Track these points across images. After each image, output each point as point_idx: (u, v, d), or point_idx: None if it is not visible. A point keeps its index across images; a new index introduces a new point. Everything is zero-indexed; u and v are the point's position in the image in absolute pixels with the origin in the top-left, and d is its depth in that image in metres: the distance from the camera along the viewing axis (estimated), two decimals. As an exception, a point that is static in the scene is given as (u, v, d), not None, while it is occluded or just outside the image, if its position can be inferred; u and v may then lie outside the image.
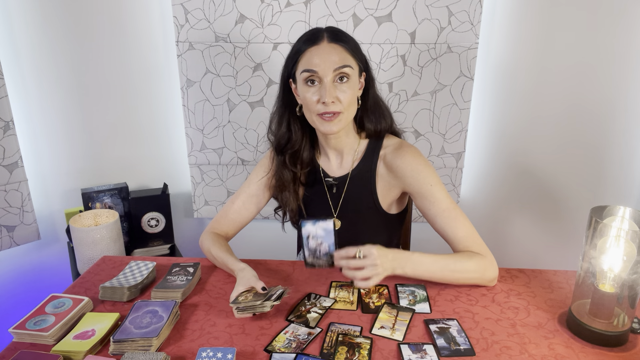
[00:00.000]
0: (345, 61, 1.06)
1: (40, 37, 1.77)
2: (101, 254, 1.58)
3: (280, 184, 1.24)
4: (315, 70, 1.05)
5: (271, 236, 2.04)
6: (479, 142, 1.90)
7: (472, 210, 1.97)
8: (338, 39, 1.08)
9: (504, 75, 1.80)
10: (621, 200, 1.90)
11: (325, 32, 1.09)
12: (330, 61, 1.05)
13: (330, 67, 1.05)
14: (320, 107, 1.07)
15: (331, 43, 1.07)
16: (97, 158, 1.95)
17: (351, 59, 1.08)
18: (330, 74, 1.05)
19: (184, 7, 1.71)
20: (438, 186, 1.13)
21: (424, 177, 1.13)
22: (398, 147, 1.18)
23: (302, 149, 1.22)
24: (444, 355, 0.88)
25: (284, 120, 1.19)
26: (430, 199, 1.12)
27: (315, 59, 1.06)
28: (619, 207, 0.93)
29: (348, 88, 1.07)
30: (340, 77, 1.07)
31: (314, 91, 1.07)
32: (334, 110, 1.07)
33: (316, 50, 1.06)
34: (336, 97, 1.06)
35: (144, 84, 1.86)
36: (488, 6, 1.71)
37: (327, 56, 1.05)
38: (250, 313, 0.98)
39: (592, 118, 1.81)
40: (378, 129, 1.19)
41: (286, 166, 1.22)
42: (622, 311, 0.91)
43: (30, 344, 0.93)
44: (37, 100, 1.84)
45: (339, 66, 1.05)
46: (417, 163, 1.14)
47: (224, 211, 1.29)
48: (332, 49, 1.06)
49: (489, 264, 1.09)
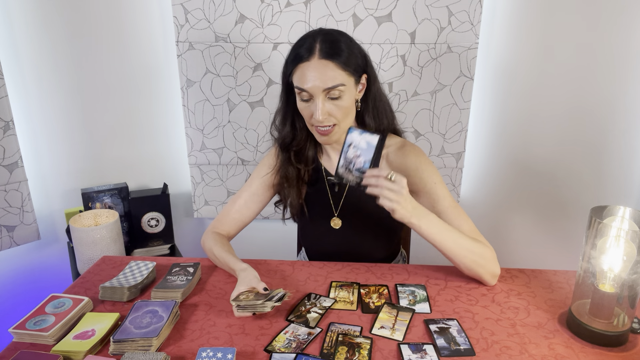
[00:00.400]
0: (336, 80, 1.04)
1: (40, 37, 1.77)
2: (101, 254, 1.58)
3: (284, 180, 1.24)
4: (305, 89, 1.05)
5: (271, 236, 2.04)
6: (479, 142, 1.90)
7: (472, 210, 1.97)
8: (330, 53, 1.04)
9: (504, 75, 1.80)
10: (621, 200, 1.90)
11: (317, 45, 1.05)
12: (321, 80, 1.03)
13: (320, 87, 1.04)
14: (315, 121, 1.08)
15: (322, 59, 1.04)
16: (97, 158, 1.95)
17: (343, 74, 1.05)
18: (320, 93, 1.05)
19: (184, 7, 1.71)
20: (441, 184, 1.13)
21: (428, 176, 1.13)
22: (401, 146, 1.18)
23: (306, 147, 1.23)
24: (444, 355, 0.88)
25: (288, 119, 1.19)
26: (434, 196, 1.12)
27: (307, 77, 1.04)
28: (619, 207, 0.93)
29: (341, 103, 1.07)
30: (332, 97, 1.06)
31: (307, 106, 1.08)
32: (327, 125, 1.08)
33: (307, 68, 1.04)
34: (328, 112, 1.06)
35: (144, 84, 1.86)
36: (488, 6, 1.71)
37: (318, 75, 1.03)
38: (250, 312, 0.98)
39: (592, 118, 1.81)
40: (380, 128, 1.18)
41: (291, 163, 1.22)
42: (622, 311, 0.91)
43: (30, 344, 0.93)
44: (37, 100, 1.84)
45: (328, 87, 1.04)
46: (420, 162, 1.14)
47: (225, 210, 1.29)
48: (323, 66, 1.04)
49: (494, 258, 1.10)
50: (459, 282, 1.14)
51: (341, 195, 1.24)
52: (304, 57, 1.05)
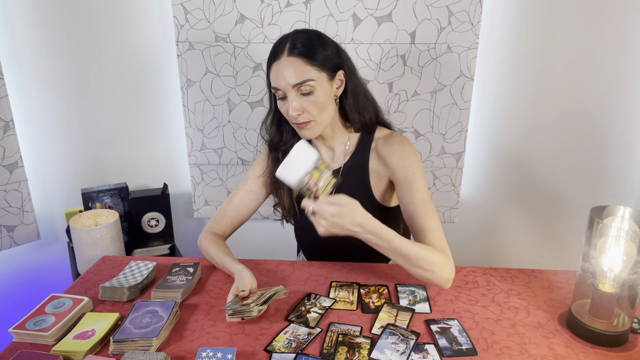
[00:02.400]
0: (304, 76, 1.05)
1: (40, 37, 1.77)
2: (101, 254, 1.58)
3: (274, 181, 1.25)
4: (277, 87, 1.07)
5: (271, 236, 2.04)
6: (479, 142, 1.90)
7: (472, 210, 1.97)
8: (299, 51, 1.05)
9: (504, 75, 1.80)
10: (621, 200, 1.90)
11: (288, 44, 1.06)
12: (290, 77, 1.05)
13: (289, 83, 1.05)
14: (292, 119, 1.10)
15: (290, 57, 1.05)
16: (97, 158, 1.95)
17: (313, 71, 1.06)
18: (291, 90, 1.06)
19: (184, 7, 1.71)
20: (420, 176, 1.13)
21: (408, 165, 1.13)
22: (388, 137, 1.19)
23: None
24: (446, 355, 0.88)
25: (275, 121, 1.21)
26: (409, 185, 1.12)
27: (277, 76, 1.06)
28: (619, 207, 0.93)
29: (314, 99, 1.07)
30: (303, 92, 1.07)
31: (283, 104, 1.10)
32: (303, 121, 1.09)
33: (277, 67, 1.07)
34: (301, 108, 1.07)
35: (144, 84, 1.86)
36: (488, 6, 1.71)
37: (286, 72, 1.05)
38: (239, 318, 0.98)
39: (592, 118, 1.81)
40: (364, 121, 1.19)
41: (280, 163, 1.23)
42: (622, 311, 0.91)
43: (30, 344, 0.93)
44: (37, 100, 1.84)
45: (297, 82, 1.05)
46: (403, 151, 1.15)
47: (222, 210, 1.30)
48: (291, 63, 1.05)
49: (448, 263, 1.05)
50: (458, 282, 1.14)
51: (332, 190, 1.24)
52: (275, 56, 1.07)
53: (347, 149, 1.22)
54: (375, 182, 1.21)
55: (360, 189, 1.21)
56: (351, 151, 1.22)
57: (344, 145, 1.22)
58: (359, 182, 1.21)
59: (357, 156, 1.21)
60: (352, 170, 1.21)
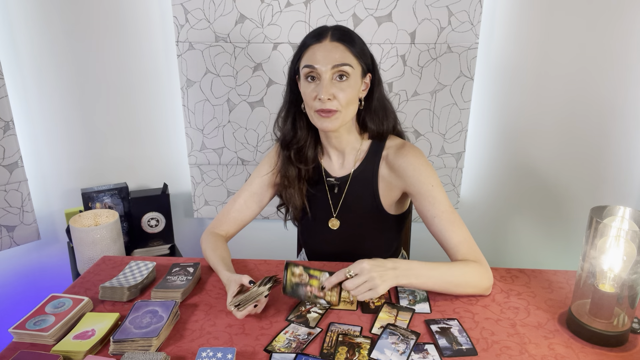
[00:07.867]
0: (345, 60, 1.06)
1: (40, 37, 1.77)
2: (101, 254, 1.58)
3: (285, 180, 1.24)
4: (314, 66, 1.06)
5: (271, 236, 2.04)
6: (479, 142, 1.90)
7: (472, 210, 1.97)
8: (342, 38, 1.08)
9: (504, 75, 1.80)
10: (621, 200, 1.90)
11: (330, 30, 1.09)
12: (330, 58, 1.05)
13: (329, 63, 1.05)
14: (317, 104, 1.07)
15: (334, 42, 1.07)
16: (97, 158, 1.95)
17: (353, 58, 1.08)
18: (328, 70, 1.05)
19: (184, 7, 1.71)
20: (439, 188, 1.12)
21: (425, 177, 1.12)
22: (400, 147, 1.17)
23: (306, 146, 1.22)
24: (446, 355, 0.88)
25: (290, 117, 1.20)
26: (430, 199, 1.11)
27: (316, 55, 1.06)
28: (619, 207, 0.93)
29: (347, 87, 1.07)
30: (340, 75, 1.07)
31: (313, 87, 1.08)
32: (330, 108, 1.06)
33: (318, 47, 1.07)
34: (333, 94, 1.06)
35: (144, 84, 1.86)
36: (488, 6, 1.71)
37: (328, 53, 1.06)
38: (251, 305, 0.96)
39: (592, 118, 1.81)
40: (381, 130, 1.19)
41: (292, 162, 1.22)
42: (622, 311, 0.91)
43: (30, 344, 0.93)
44: (37, 100, 1.84)
45: (337, 64, 1.05)
46: (419, 163, 1.14)
47: (225, 210, 1.29)
48: (334, 47, 1.06)
49: (485, 272, 1.06)
50: (459, 282, 1.14)
51: (340, 196, 1.24)
52: (318, 39, 1.08)
53: (358, 156, 1.21)
54: (384, 191, 1.20)
55: (367, 197, 1.21)
56: (361, 158, 1.21)
57: (355, 151, 1.21)
58: (366, 190, 1.21)
59: (367, 163, 1.20)
60: (360, 177, 1.21)
